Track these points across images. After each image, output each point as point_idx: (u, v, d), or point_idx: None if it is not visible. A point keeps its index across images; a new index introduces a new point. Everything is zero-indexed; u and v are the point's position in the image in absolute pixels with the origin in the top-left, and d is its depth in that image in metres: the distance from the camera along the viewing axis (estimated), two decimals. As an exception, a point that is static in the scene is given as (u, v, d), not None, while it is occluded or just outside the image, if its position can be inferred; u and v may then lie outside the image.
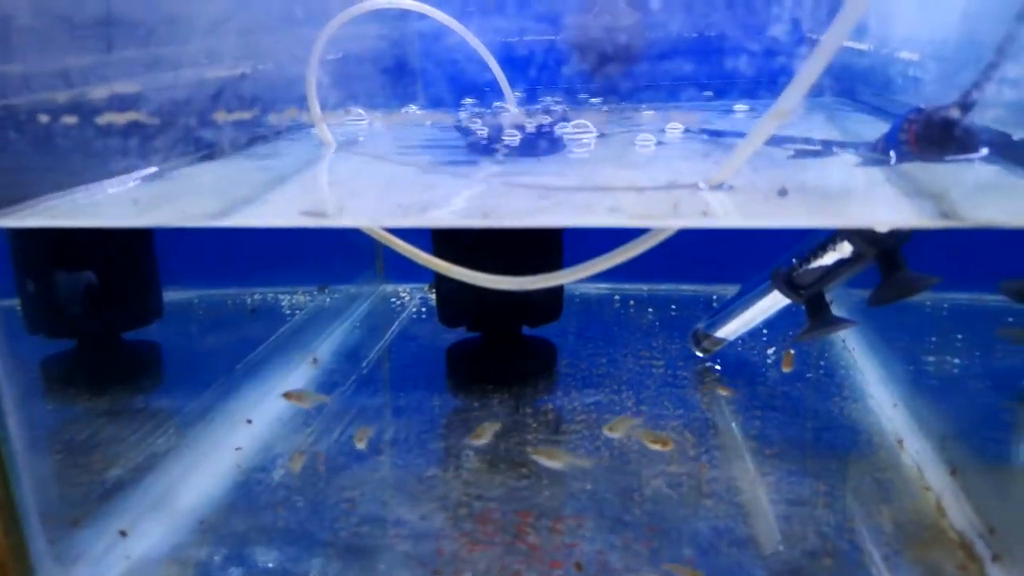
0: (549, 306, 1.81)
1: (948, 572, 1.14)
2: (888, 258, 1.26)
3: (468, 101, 1.79)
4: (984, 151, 1.06)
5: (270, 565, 1.20)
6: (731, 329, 1.72)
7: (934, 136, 1.07)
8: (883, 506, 1.30)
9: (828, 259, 1.37)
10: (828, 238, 1.36)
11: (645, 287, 2.37)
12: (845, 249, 1.33)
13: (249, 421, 1.62)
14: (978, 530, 1.18)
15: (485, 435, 1.51)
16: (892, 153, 1.12)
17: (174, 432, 1.58)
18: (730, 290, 1.76)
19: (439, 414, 1.66)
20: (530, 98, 1.65)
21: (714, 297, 2.25)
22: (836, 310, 1.50)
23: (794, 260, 1.45)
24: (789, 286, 1.47)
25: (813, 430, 1.55)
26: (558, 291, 1.82)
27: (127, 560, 1.22)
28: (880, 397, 1.64)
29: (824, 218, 0.94)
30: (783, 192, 0.94)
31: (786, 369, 1.77)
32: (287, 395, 1.66)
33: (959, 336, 1.88)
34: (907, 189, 0.96)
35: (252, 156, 1.39)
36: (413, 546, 1.24)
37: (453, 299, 1.79)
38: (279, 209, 1.05)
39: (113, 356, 1.87)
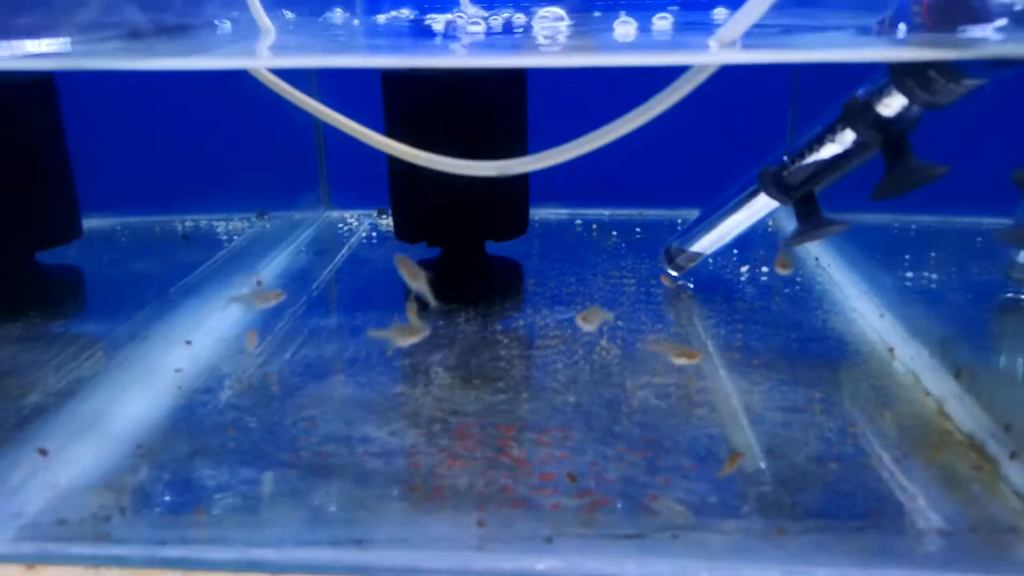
0: (515, 219, 1.68)
1: (962, 473, 1.07)
2: (894, 146, 1.17)
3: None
4: (1002, 21, 0.97)
5: (219, 489, 1.06)
6: (708, 242, 1.63)
7: (948, 6, 0.97)
8: (884, 411, 1.23)
9: (826, 152, 1.27)
10: (826, 128, 1.26)
11: (607, 212, 2.26)
12: (846, 138, 1.23)
13: (188, 342, 1.46)
14: (990, 430, 1.12)
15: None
16: (902, 26, 1.02)
17: (101, 356, 1.41)
18: (697, 214, 1.67)
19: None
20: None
21: (679, 221, 2.16)
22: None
23: (785, 157, 1.36)
24: (778, 187, 1.37)
25: (798, 341, 1.47)
26: (523, 202, 1.70)
27: (53, 489, 1.06)
28: (863, 309, 1.57)
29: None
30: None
31: (782, 271, 1.67)
32: (235, 299, 1.49)
33: (932, 254, 1.84)
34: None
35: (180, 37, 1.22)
36: (383, 464, 1.11)
37: (410, 210, 1.65)
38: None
39: (26, 279, 1.67)
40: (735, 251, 1.92)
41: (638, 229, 2.12)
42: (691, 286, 1.73)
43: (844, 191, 1.44)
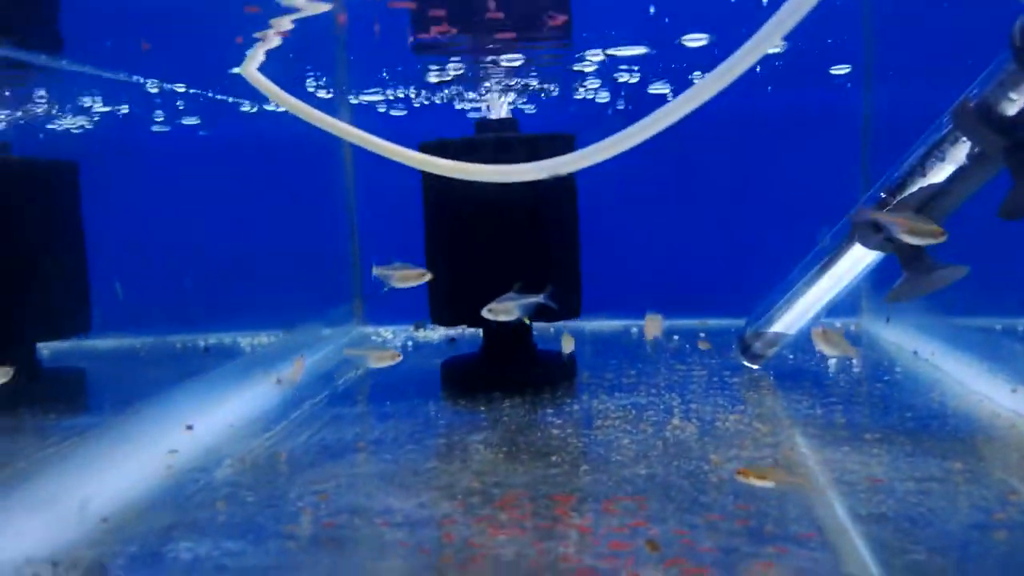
0: (565, 297, 1.49)
1: None
2: (1022, 151, 0.98)
3: None
4: None
5: (195, 563, 0.82)
6: (791, 319, 1.41)
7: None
8: (1049, 478, 0.95)
9: (934, 175, 1.08)
10: (931, 146, 1.08)
11: (666, 322, 2.06)
12: (959, 154, 1.05)
13: (190, 427, 1.25)
14: None
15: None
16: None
17: (85, 440, 1.21)
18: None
19: (435, 417, 1.31)
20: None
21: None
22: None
23: (882, 194, 1.17)
24: (876, 229, 1.18)
25: (915, 419, 1.21)
26: (575, 283, 1.51)
27: (-10, 564, 0.84)
28: (989, 390, 1.31)
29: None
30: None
31: (828, 349, 1.39)
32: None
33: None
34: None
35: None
36: (406, 535, 0.86)
37: (449, 290, 1.47)
38: None
39: (24, 373, 1.51)
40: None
41: (703, 333, 1.90)
42: (770, 376, 1.50)
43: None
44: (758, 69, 1.85)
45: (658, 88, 1.65)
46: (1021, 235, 1.42)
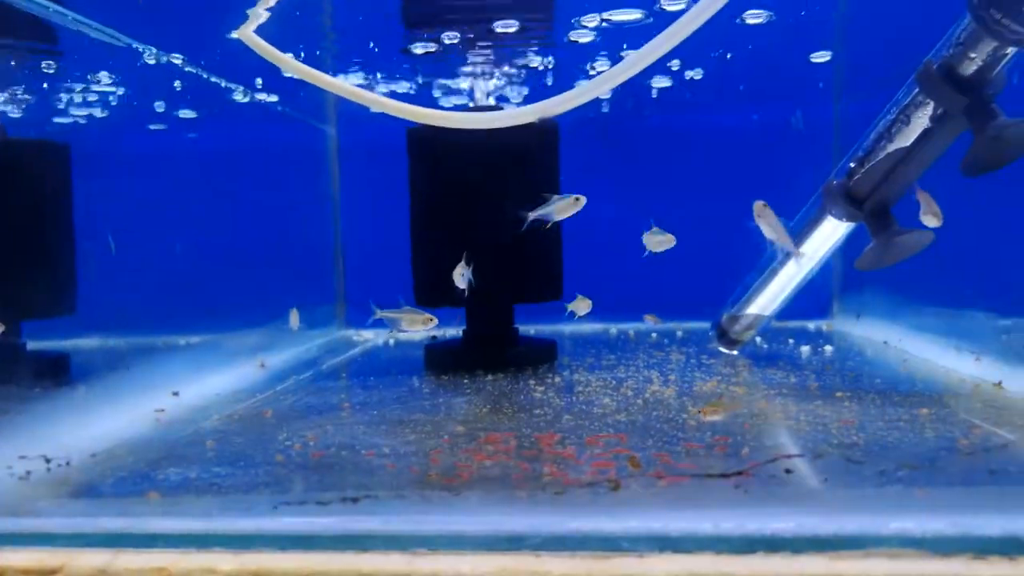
0: (546, 279, 1.53)
1: None
2: (981, 108, 1.04)
3: None
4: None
5: (183, 482, 0.83)
6: (768, 299, 1.45)
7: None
8: (1011, 418, 0.99)
9: (900, 139, 1.14)
10: (898, 111, 1.14)
11: (643, 326, 2.10)
12: (922, 116, 1.11)
13: (176, 393, 1.26)
14: None
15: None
16: None
17: (72, 393, 1.22)
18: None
19: (421, 386, 1.33)
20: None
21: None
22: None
23: (851, 164, 1.23)
24: (848, 200, 1.23)
25: (884, 383, 1.25)
26: (556, 265, 1.55)
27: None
28: (954, 363, 1.36)
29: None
30: None
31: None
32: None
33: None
34: None
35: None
36: (393, 462, 0.88)
37: (433, 270, 1.50)
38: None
39: (9, 354, 1.51)
40: (791, 339, 1.73)
41: (680, 332, 1.94)
42: (746, 359, 1.53)
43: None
44: (741, 87, 1.94)
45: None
46: (983, 229, 1.49)
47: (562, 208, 1.25)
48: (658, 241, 1.25)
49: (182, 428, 1.07)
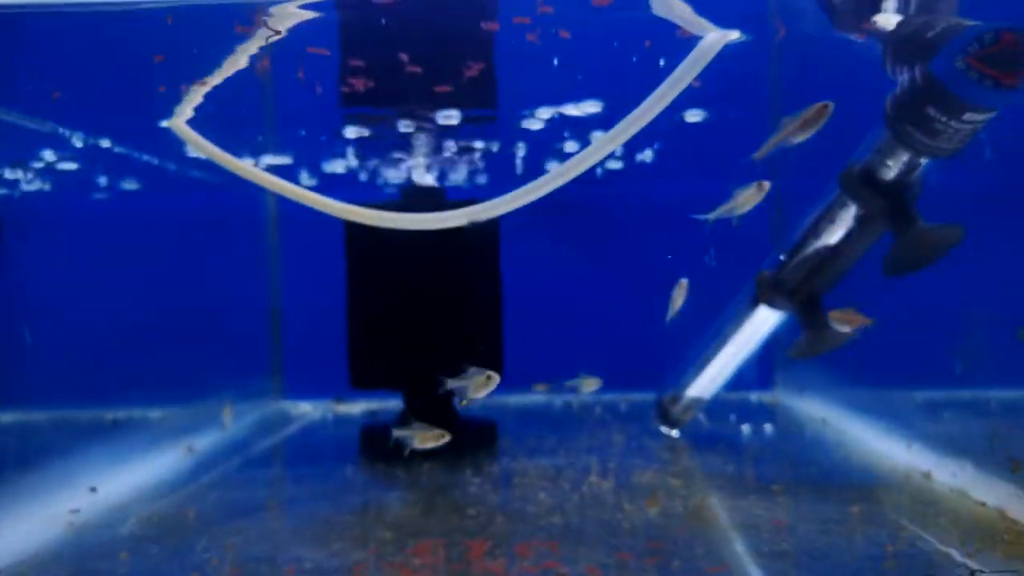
0: (487, 361, 1.51)
1: (1057, 563, 0.84)
2: (900, 211, 1.07)
3: None
4: None
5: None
6: (705, 382, 1.46)
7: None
8: (937, 518, 1.00)
9: (827, 237, 1.17)
10: (823, 210, 1.17)
11: (587, 399, 2.09)
12: (847, 216, 1.14)
13: (93, 489, 1.21)
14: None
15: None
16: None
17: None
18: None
19: (354, 477, 1.30)
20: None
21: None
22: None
23: (781, 256, 1.25)
24: (778, 290, 1.25)
25: (820, 473, 1.26)
26: (494, 344, 1.54)
27: None
28: (887, 449, 1.37)
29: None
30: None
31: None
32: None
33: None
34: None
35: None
36: (319, 580, 0.85)
37: (367, 350, 1.48)
38: None
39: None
40: (732, 416, 1.73)
41: (623, 405, 1.94)
42: (687, 440, 1.53)
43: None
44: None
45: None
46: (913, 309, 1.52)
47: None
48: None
49: (95, 534, 1.02)
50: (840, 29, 1.09)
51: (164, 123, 1.11)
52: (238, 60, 1.18)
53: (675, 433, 1.53)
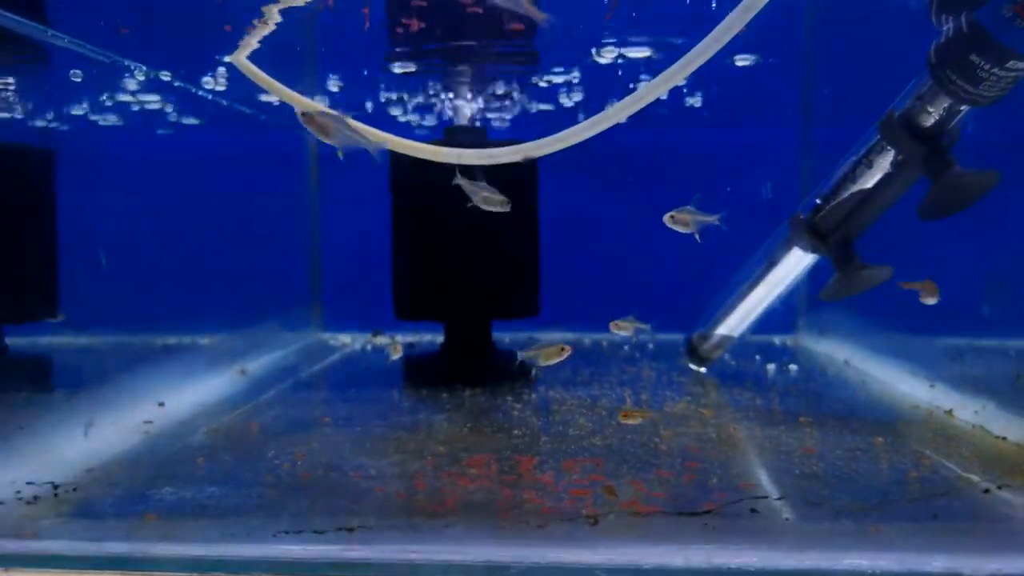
0: (524, 298, 1.58)
1: (1073, 490, 0.90)
2: (938, 158, 1.10)
3: None
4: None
5: (179, 503, 0.87)
6: (736, 321, 1.51)
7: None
8: (959, 449, 1.06)
9: (863, 181, 1.20)
10: (861, 156, 1.21)
11: (615, 337, 2.15)
12: (884, 161, 1.17)
13: (161, 403, 1.29)
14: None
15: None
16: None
17: (57, 407, 1.24)
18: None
19: (401, 400, 1.37)
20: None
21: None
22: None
23: (817, 200, 1.29)
24: (813, 233, 1.29)
25: (845, 408, 1.32)
26: (533, 282, 1.60)
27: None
28: (910, 388, 1.43)
29: None
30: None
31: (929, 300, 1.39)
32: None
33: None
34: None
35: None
36: (380, 484, 0.93)
37: (412, 283, 1.54)
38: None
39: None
40: (757, 356, 1.79)
41: (651, 345, 2.00)
42: (715, 377, 1.59)
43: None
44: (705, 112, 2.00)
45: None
46: (940, 255, 1.56)
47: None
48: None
49: (171, 443, 1.10)
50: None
51: (227, 58, 1.15)
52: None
53: (703, 370, 1.60)
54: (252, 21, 1.19)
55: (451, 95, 1.59)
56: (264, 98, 1.69)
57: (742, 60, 1.45)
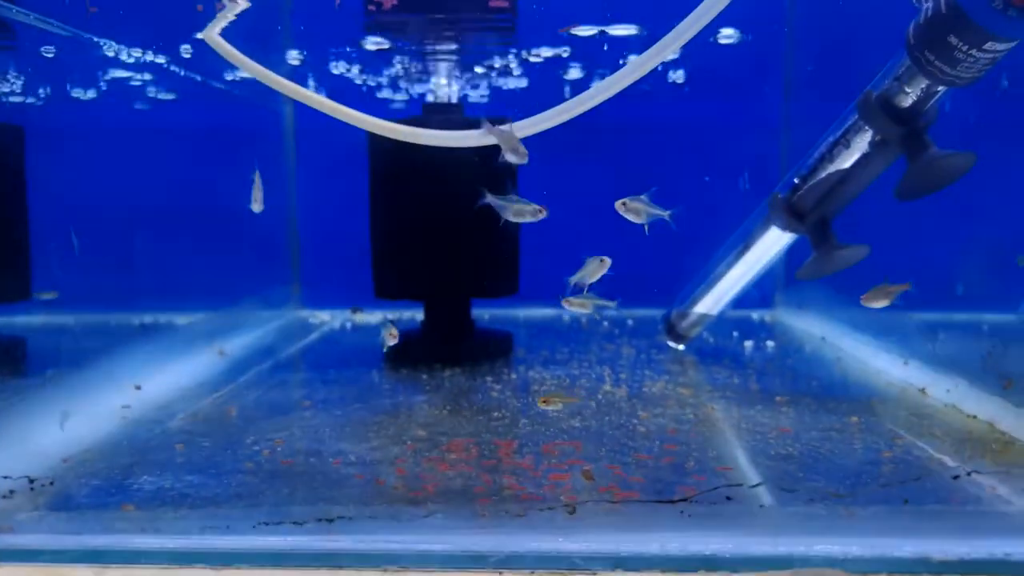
0: (503, 277, 1.58)
1: (1039, 470, 0.92)
2: (915, 139, 1.11)
3: None
4: None
5: (158, 493, 0.87)
6: (714, 299, 1.52)
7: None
8: (931, 429, 1.08)
9: (841, 161, 1.21)
10: (840, 135, 1.21)
11: (594, 314, 2.16)
12: (862, 141, 1.18)
13: (138, 387, 1.28)
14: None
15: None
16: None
17: (33, 393, 1.23)
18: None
19: (380, 382, 1.37)
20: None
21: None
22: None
23: (795, 179, 1.29)
24: (791, 213, 1.30)
25: (820, 387, 1.34)
26: (512, 262, 1.60)
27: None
28: (884, 365, 1.45)
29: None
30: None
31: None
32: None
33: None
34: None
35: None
36: (360, 471, 0.93)
37: (393, 262, 1.54)
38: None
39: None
40: (735, 332, 1.81)
41: (631, 321, 2.01)
42: (693, 355, 1.61)
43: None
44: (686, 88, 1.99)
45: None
46: (920, 231, 1.58)
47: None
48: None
49: (149, 428, 1.10)
50: None
51: (198, 35, 1.13)
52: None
53: (681, 347, 1.61)
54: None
55: (428, 72, 1.57)
56: (240, 75, 1.67)
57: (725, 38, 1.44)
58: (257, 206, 1.16)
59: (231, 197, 2.10)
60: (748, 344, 1.70)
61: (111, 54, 1.41)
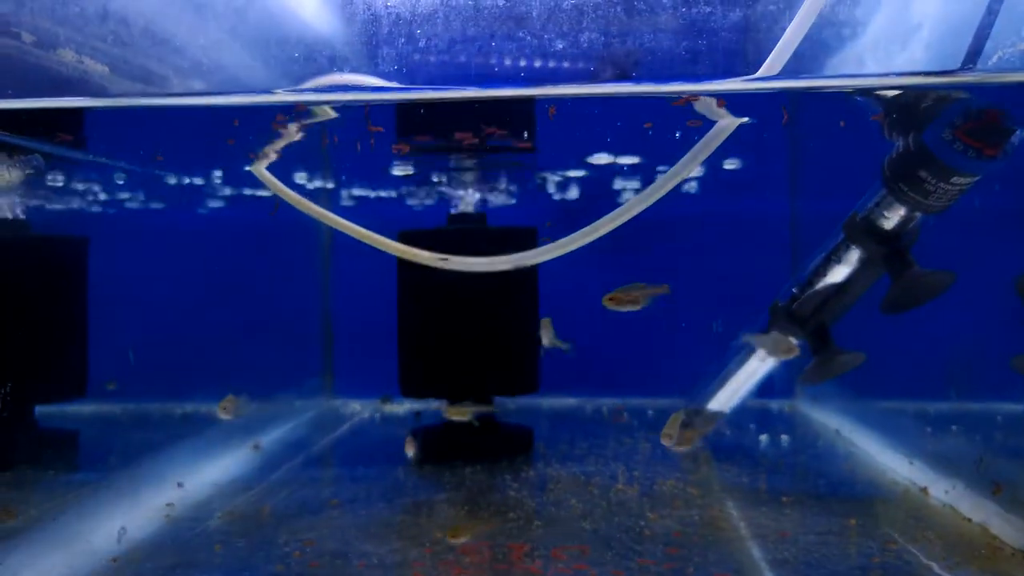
0: (524, 374, 1.66)
1: (1024, 577, 0.97)
2: (897, 257, 1.19)
3: None
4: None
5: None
6: (726, 396, 1.58)
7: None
8: (925, 532, 1.13)
9: (833, 275, 1.29)
10: (830, 251, 1.29)
11: (620, 401, 2.23)
12: (852, 258, 1.26)
13: (180, 484, 1.38)
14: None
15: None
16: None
17: (85, 493, 1.33)
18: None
19: (405, 479, 1.45)
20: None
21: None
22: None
23: (794, 289, 1.37)
24: (791, 320, 1.37)
25: (827, 485, 1.39)
26: (533, 359, 1.68)
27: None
28: (891, 462, 1.49)
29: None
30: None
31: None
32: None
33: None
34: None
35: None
36: (383, 574, 1.01)
37: (418, 364, 1.63)
38: None
39: (22, 433, 1.62)
40: (752, 425, 1.86)
41: (650, 412, 2.07)
42: (707, 449, 1.66)
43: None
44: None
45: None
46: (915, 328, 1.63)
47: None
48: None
49: (190, 527, 1.19)
50: None
51: (248, 168, 1.26)
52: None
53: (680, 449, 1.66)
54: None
55: (453, 186, 1.69)
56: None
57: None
58: None
59: (270, 294, 2.24)
60: (763, 438, 1.75)
61: (172, 181, 1.56)
